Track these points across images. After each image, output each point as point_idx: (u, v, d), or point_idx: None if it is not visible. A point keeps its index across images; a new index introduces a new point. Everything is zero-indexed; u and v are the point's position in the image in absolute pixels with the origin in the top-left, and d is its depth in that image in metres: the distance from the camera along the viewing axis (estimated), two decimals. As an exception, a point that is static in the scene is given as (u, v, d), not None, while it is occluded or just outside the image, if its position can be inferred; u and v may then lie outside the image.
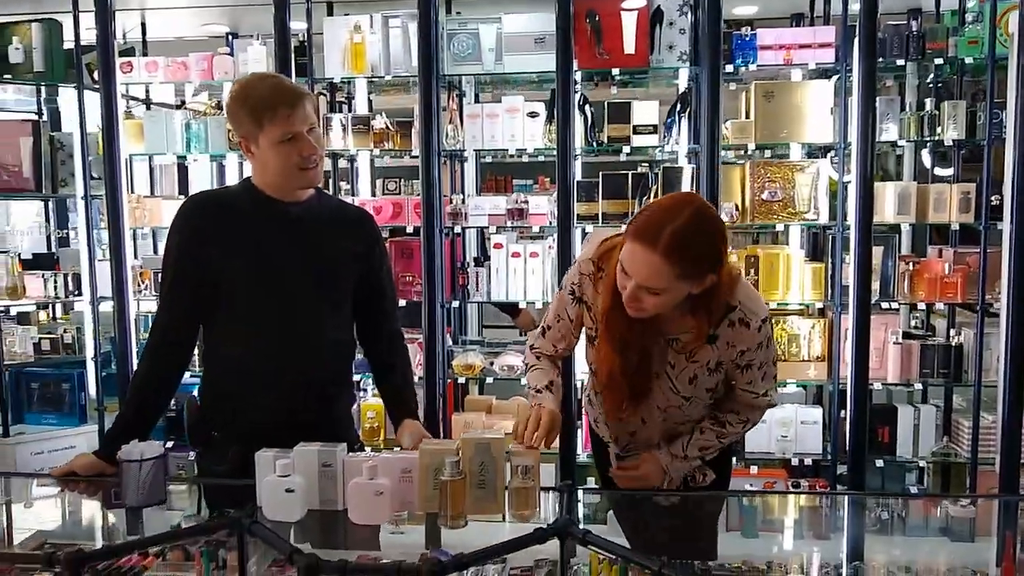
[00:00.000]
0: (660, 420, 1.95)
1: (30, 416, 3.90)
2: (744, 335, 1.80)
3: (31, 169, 3.75)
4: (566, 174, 3.32)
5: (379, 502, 1.72)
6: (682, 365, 1.85)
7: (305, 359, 2.02)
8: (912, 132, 3.39)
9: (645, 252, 1.65)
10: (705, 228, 1.69)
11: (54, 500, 2.14)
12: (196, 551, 1.63)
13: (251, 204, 2.01)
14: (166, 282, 2.04)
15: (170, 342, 2.04)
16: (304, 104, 1.91)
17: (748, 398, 1.92)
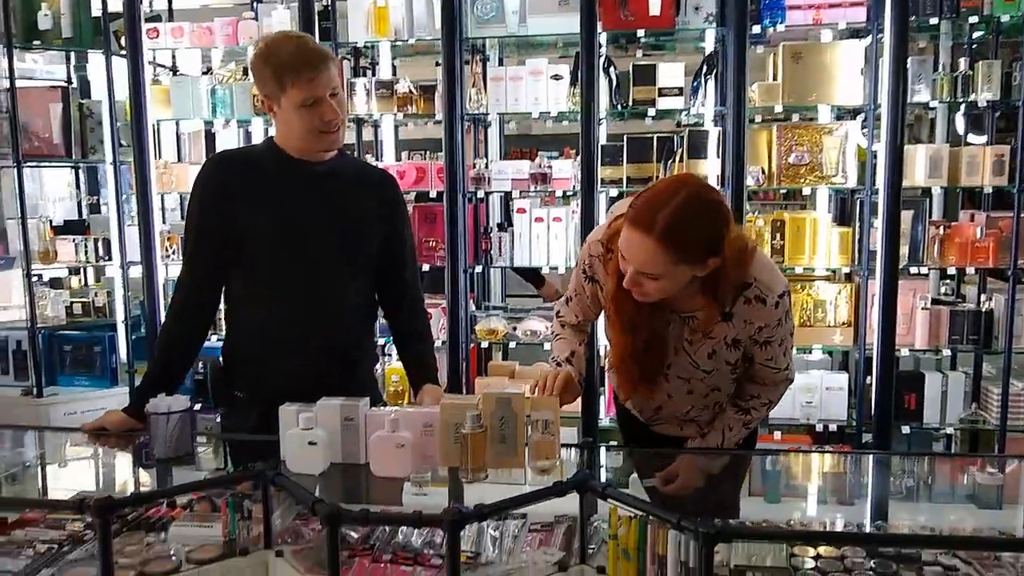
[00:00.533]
0: (686, 392, 1.95)
1: (63, 378, 3.98)
2: (761, 312, 1.77)
3: (61, 136, 3.79)
4: (590, 138, 3.29)
5: (401, 455, 1.74)
6: (700, 342, 1.85)
7: (327, 323, 2.03)
8: (945, 93, 3.31)
9: (640, 238, 1.63)
10: (701, 211, 1.65)
11: (86, 456, 2.19)
12: (222, 502, 1.65)
13: (275, 163, 2.01)
14: (190, 241, 2.05)
15: (194, 302, 2.06)
16: (328, 67, 1.90)
17: (768, 374, 1.90)
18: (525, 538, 1.61)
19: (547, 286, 4.41)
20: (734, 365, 1.88)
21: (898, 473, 2.25)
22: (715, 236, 1.66)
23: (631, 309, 1.80)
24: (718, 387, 1.94)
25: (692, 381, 1.91)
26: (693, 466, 1.97)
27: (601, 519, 1.58)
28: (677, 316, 1.83)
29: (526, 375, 3.76)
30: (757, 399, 1.95)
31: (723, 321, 1.80)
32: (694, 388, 1.93)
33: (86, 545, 1.59)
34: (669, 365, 1.88)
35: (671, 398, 1.96)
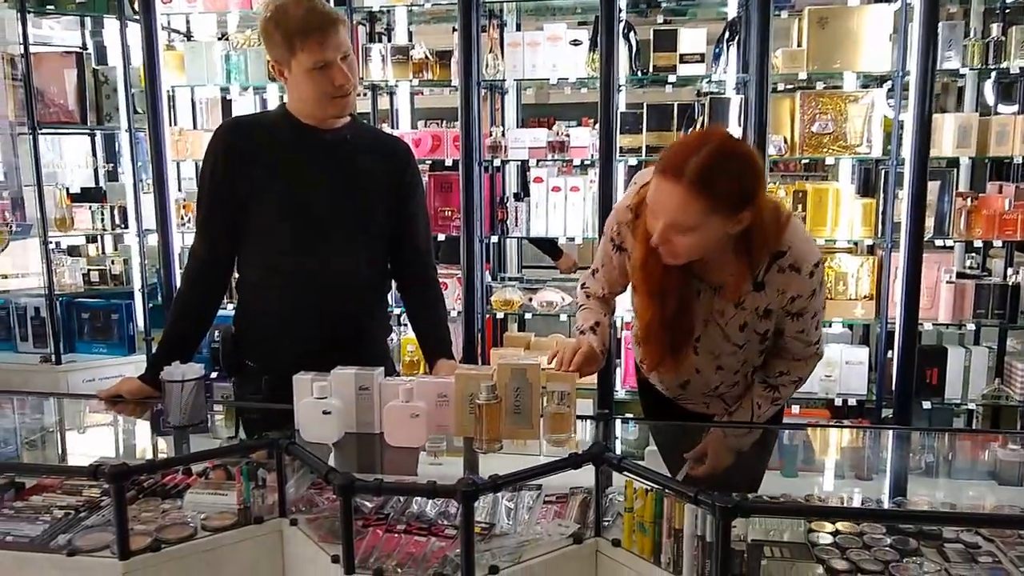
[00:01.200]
0: (715, 368, 1.90)
1: (81, 345, 4.01)
2: (795, 281, 1.71)
3: (76, 102, 3.78)
4: (609, 105, 3.23)
5: (415, 425, 1.73)
6: (731, 313, 1.79)
7: (337, 292, 2.01)
8: (976, 60, 3.21)
9: (671, 186, 1.56)
10: (733, 159, 1.59)
11: (103, 423, 2.21)
12: (236, 470, 1.66)
13: (286, 130, 1.99)
14: (202, 207, 2.04)
15: (207, 268, 2.05)
16: (337, 30, 1.87)
17: (799, 347, 1.86)
18: (540, 509, 1.60)
19: (564, 258, 4.37)
20: (764, 336, 1.83)
21: (918, 448, 2.22)
22: (748, 185, 1.59)
23: (660, 275, 1.72)
24: (748, 361, 1.90)
25: (722, 356, 1.87)
26: (722, 445, 1.94)
27: (616, 491, 1.57)
28: (707, 287, 1.78)
29: (542, 346, 3.75)
30: (786, 375, 1.90)
31: (755, 291, 1.74)
32: (724, 363, 1.88)
33: (103, 511, 1.60)
34: (698, 339, 1.82)
35: (699, 373, 1.92)
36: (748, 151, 1.66)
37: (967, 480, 2.00)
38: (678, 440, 2.03)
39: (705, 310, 1.79)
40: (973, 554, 1.44)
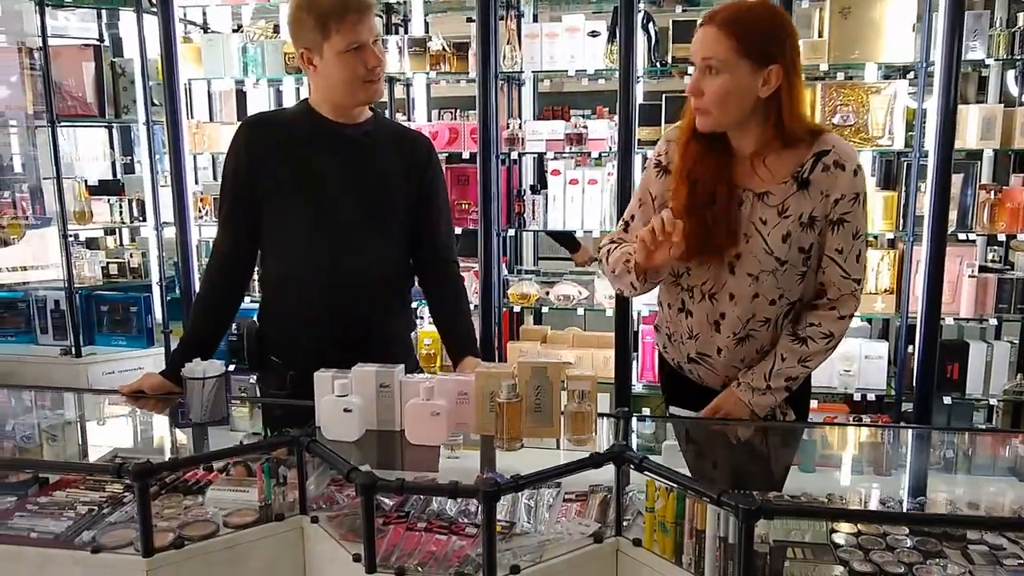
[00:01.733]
0: (751, 297, 1.81)
1: (100, 338, 4.04)
2: (840, 179, 1.72)
3: (94, 95, 3.79)
4: (628, 97, 3.20)
5: (436, 423, 1.73)
6: (774, 221, 1.74)
7: (357, 288, 2.01)
8: (1001, 50, 3.16)
9: (704, 29, 1.68)
10: (765, 12, 1.70)
11: (124, 417, 2.22)
12: (258, 467, 1.66)
13: (308, 125, 1.99)
14: (225, 202, 2.05)
15: (229, 263, 2.06)
16: (371, 13, 1.90)
17: (836, 275, 1.78)
18: (560, 507, 1.60)
19: (581, 251, 4.36)
20: (806, 255, 1.77)
21: (937, 444, 2.20)
22: (776, 35, 1.66)
23: (696, 158, 1.76)
24: (784, 295, 1.81)
25: (761, 279, 1.78)
26: (737, 403, 1.86)
27: (637, 489, 1.56)
28: (751, 194, 1.76)
29: (558, 339, 3.75)
30: (816, 327, 1.81)
31: (799, 191, 1.73)
32: (761, 290, 1.80)
33: (125, 507, 1.61)
34: (738, 256, 1.78)
35: (733, 302, 1.82)
36: (782, 13, 1.77)
37: (987, 476, 1.96)
38: (698, 436, 2.01)
39: (747, 220, 1.77)
40: (998, 556, 1.42)
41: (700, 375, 1.98)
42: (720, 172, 1.76)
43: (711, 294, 1.86)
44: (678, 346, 1.99)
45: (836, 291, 1.81)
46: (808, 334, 1.82)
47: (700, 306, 1.88)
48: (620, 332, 3.34)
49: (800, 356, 1.82)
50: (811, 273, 1.82)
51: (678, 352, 2.01)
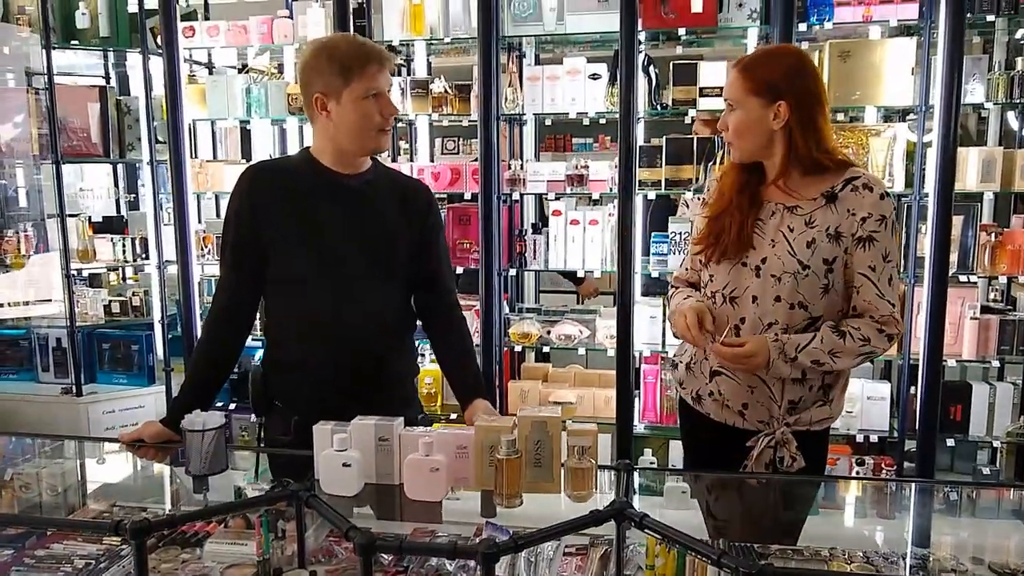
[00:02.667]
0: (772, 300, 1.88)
1: (102, 375, 4.04)
2: (867, 199, 1.83)
3: (99, 134, 3.82)
4: (628, 139, 3.22)
5: (435, 478, 1.72)
6: (801, 229, 1.86)
7: (359, 337, 2.02)
8: (1000, 94, 3.18)
9: (730, 72, 1.95)
10: (779, 55, 1.95)
11: (124, 465, 2.22)
12: (256, 520, 1.66)
13: (309, 176, 2.00)
14: (228, 247, 2.05)
15: (231, 311, 2.07)
16: (389, 66, 1.95)
17: (871, 294, 1.83)
18: (560, 561, 1.59)
19: (586, 284, 4.36)
20: (829, 266, 1.84)
21: (941, 487, 2.19)
22: (785, 75, 1.85)
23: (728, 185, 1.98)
24: (804, 301, 1.86)
25: (783, 279, 1.86)
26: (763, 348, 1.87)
27: (638, 543, 1.55)
28: (782, 206, 1.91)
29: (559, 378, 3.74)
30: (856, 329, 1.85)
31: (827, 204, 1.86)
32: (781, 292, 1.87)
33: (123, 562, 1.60)
34: (764, 260, 1.89)
35: (756, 303, 1.90)
36: (799, 55, 1.96)
37: (992, 520, 1.96)
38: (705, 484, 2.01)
39: (775, 229, 1.90)
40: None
41: (720, 393, 1.99)
42: (743, 187, 1.95)
43: (732, 297, 1.95)
44: (698, 368, 2.04)
45: (876, 311, 1.85)
46: (847, 329, 1.86)
47: (721, 311, 1.97)
48: (621, 373, 3.33)
49: (833, 346, 1.84)
50: (836, 295, 1.88)
51: (697, 378, 2.05)
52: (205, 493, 1.92)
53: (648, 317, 3.41)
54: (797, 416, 1.94)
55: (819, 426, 1.96)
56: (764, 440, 1.93)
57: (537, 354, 3.98)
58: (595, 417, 3.50)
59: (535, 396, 3.53)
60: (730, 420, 2.00)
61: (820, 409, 1.95)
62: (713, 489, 2.01)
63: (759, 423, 1.96)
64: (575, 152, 7.31)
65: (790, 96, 1.84)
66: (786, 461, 1.93)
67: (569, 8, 3.32)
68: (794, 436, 1.93)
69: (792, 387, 1.93)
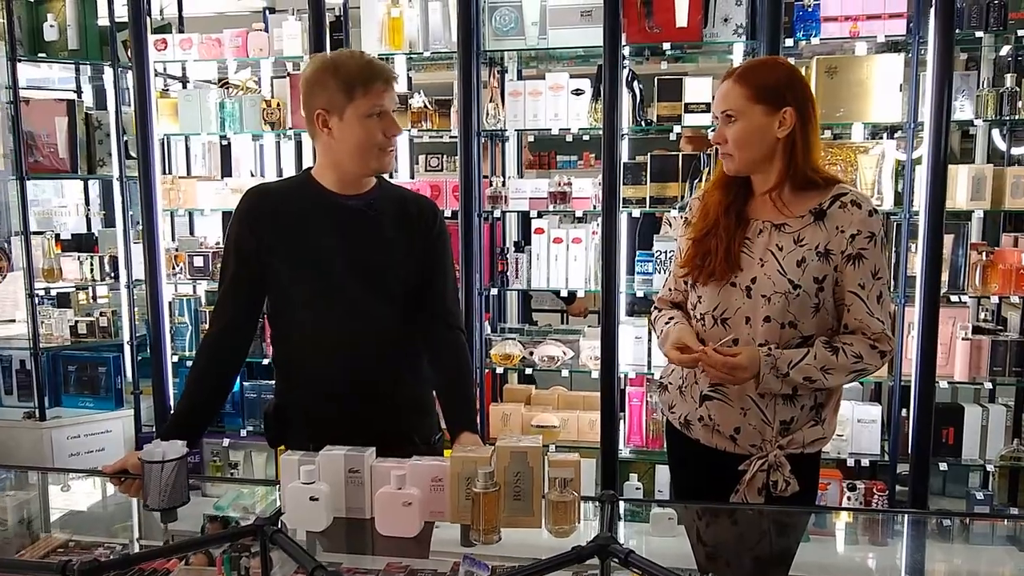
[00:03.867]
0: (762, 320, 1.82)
1: (67, 399, 3.90)
2: (855, 215, 1.79)
3: (66, 149, 3.70)
4: (612, 156, 3.15)
5: (408, 513, 1.63)
6: (790, 247, 1.82)
7: (368, 358, 1.95)
8: (990, 111, 3.13)
9: (723, 85, 1.85)
10: (775, 64, 1.90)
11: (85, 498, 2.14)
12: (218, 559, 1.56)
13: (308, 197, 1.94)
14: (226, 272, 1.98)
15: (227, 337, 1.99)
16: (394, 85, 1.88)
17: (861, 311, 1.78)
18: (542, 601, 1.49)
19: (577, 303, 4.30)
20: (820, 285, 1.79)
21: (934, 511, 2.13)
22: (785, 82, 1.81)
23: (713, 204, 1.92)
24: (795, 321, 1.81)
25: (773, 299, 1.80)
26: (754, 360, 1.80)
27: None
28: (770, 224, 1.86)
29: (543, 400, 3.64)
30: (849, 346, 1.80)
31: (815, 222, 1.81)
32: (772, 312, 1.81)
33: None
34: (754, 279, 1.83)
35: (748, 324, 1.84)
36: (793, 67, 1.90)
37: (986, 546, 1.90)
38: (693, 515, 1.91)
39: (764, 248, 1.85)
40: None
41: (711, 418, 1.92)
42: (729, 206, 1.89)
43: (723, 319, 1.89)
44: (689, 392, 1.97)
45: (868, 329, 1.81)
46: (840, 345, 1.81)
47: (712, 332, 1.90)
48: (606, 396, 3.25)
49: (825, 363, 1.79)
50: (827, 313, 1.83)
51: (687, 402, 1.97)
52: (166, 526, 1.82)
53: (633, 338, 3.33)
54: (790, 437, 1.87)
55: (812, 448, 1.89)
56: (757, 464, 1.86)
57: (520, 376, 3.88)
58: (579, 441, 3.40)
59: (518, 419, 3.43)
60: (721, 445, 1.93)
61: (813, 429, 1.88)
62: (701, 518, 1.92)
63: (751, 447, 1.89)
64: (559, 169, 7.24)
65: (794, 103, 1.80)
66: (780, 485, 1.85)
67: (552, 22, 3.26)
68: (787, 459, 1.85)
69: (784, 408, 1.86)
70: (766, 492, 1.86)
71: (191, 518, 1.81)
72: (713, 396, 1.91)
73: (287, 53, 3.48)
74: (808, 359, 1.79)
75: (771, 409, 1.86)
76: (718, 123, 1.88)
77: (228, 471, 3.65)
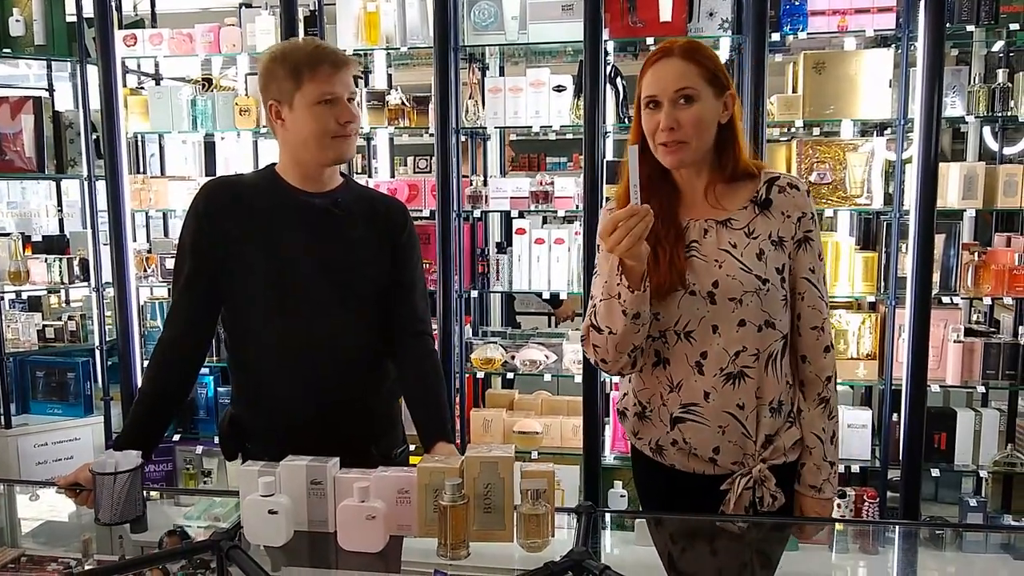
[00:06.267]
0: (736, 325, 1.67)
1: (36, 405, 3.79)
2: (796, 198, 1.72)
3: (33, 148, 3.59)
4: (594, 154, 3.07)
5: (371, 527, 1.53)
6: (744, 242, 1.70)
7: (330, 364, 1.85)
8: (981, 107, 3.07)
9: (665, 62, 1.66)
10: (699, 42, 1.73)
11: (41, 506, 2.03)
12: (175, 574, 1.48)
13: (270, 193, 1.84)
14: (181, 272, 1.87)
15: (183, 339, 1.87)
16: (348, 69, 1.79)
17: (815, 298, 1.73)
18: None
19: (564, 305, 4.22)
20: (782, 275, 1.70)
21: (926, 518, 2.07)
22: (720, 65, 1.69)
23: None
24: (771, 319, 1.68)
25: (744, 299, 1.66)
26: (815, 506, 1.75)
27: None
28: (714, 223, 1.72)
29: (526, 404, 3.55)
30: (831, 378, 1.76)
31: (762, 212, 1.71)
32: (746, 314, 1.67)
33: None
34: (716, 282, 1.67)
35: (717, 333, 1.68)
36: None
37: (979, 553, 1.85)
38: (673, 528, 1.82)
39: (716, 248, 1.70)
40: None
41: (686, 441, 1.74)
42: (660, 211, 1.67)
43: (687, 333, 1.71)
44: (656, 415, 1.77)
45: (818, 316, 1.74)
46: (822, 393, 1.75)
47: (676, 349, 1.72)
48: (588, 402, 3.16)
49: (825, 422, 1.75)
50: (788, 306, 1.74)
51: (655, 427, 1.78)
52: (121, 541, 1.73)
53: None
54: (772, 447, 1.74)
55: (793, 453, 1.76)
56: (742, 482, 1.72)
57: (503, 380, 3.78)
58: (563, 447, 3.32)
59: (499, 425, 3.34)
60: (699, 469, 1.77)
61: (789, 432, 1.75)
62: (679, 538, 1.81)
63: (732, 465, 1.74)
64: (548, 172, 7.17)
65: (730, 87, 1.70)
66: (766, 500, 1.72)
67: (532, 16, 3.18)
68: (772, 472, 1.73)
69: (771, 420, 1.73)
70: (753, 510, 1.73)
71: (156, 529, 1.72)
72: (686, 418, 1.74)
73: (260, 49, 3.38)
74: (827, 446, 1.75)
75: (752, 423, 1.72)
76: (662, 107, 1.64)
77: (201, 479, 3.55)
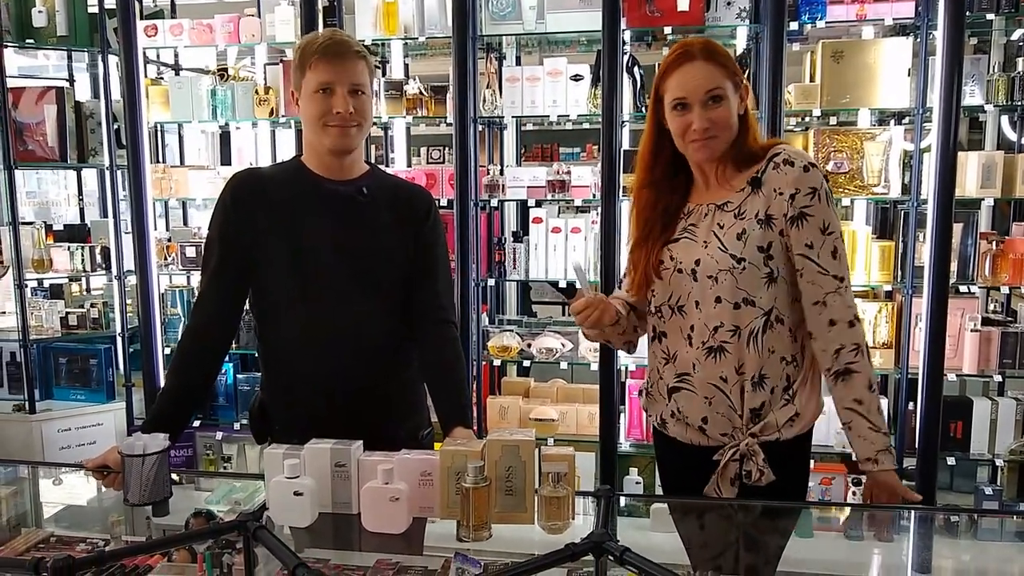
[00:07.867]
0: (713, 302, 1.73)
1: (58, 391, 3.84)
2: (790, 174, 1.70)
3: (56, 138, 3.64)
4: (611, 143, 3.08)
5: (395, 509, 1.57)
6: (730, 223, 1.74)
7: (355, 350, 1.88)
8: (1000, 96, 3.05)
9: (690, 66, 1.72)
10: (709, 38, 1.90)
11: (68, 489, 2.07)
12: (200, 554, 1.51)
13: (295, 182, 1.88)
14: (210, 261, 1.91)
15: (209, 327, 1.91)
16: (354, 60, 1.81)
17: (815, 274, 1.69)
18: (535, 598, 1.42)
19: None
20: (765, 253, 1.71)
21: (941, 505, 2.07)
22: (732, 59, 1.77)
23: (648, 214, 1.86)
24: (748, 297, 1.72)
25: (719, 277, 1.72)
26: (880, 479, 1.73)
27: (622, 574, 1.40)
28: (712, 206, 1.78)
29: (542, 392, 3.58)
30: (842, 351, 1.72)
31: (753, 191, 1.74)
32: (721, 292, 1.72)
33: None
34: (698, 261, 1.75)
35: (699, 308, 1.77)
36: None
37: (994, 541, 1.85)
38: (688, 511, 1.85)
39: (707, 229, 1.78)
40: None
41: (680, 411, 1.82)
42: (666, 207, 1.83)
43: (679, 307, 1.81)
44: (657, 390, 1.89)
45: (819, 291, 1.71)
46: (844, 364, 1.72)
47: (671, 323, 1.84)
48: (605, 389, 3.18)
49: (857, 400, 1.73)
50: (785, 283, 1.74)
51: (657, 401, 1.89)
52: (150, 521, 1.76)
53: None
54: (763, 423, 1.76)
55: (789, 431, 1.77)
56: (729, 453, 1.77)
57: (519, 368, 3.81)
58: (579, 434, 3.34)
59: (516, 412, 3.37)
60: (694, 439, 1.84)
61: (784, 409, 1.77)
62: (691, 516, 1.84)
63: (722, 436, 1.79)
64: (562, 161, 7.19)
65: (745, 83, 1.79)
66: (753, 474, 1.75)
67: (550, 6, 3.19)
68: (765, 448, 1.76)
69: (753, 394, 1.76)
70: (740, 482, 1.77)
71: (182, 512, 1.73)
72: (680, 387, 1.83)
73: (279, 39, 3.41)
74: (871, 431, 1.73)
75: (737, 395, 1.77)
76: (690, 108, 1.72)
77: (221, 464, 3.60)
